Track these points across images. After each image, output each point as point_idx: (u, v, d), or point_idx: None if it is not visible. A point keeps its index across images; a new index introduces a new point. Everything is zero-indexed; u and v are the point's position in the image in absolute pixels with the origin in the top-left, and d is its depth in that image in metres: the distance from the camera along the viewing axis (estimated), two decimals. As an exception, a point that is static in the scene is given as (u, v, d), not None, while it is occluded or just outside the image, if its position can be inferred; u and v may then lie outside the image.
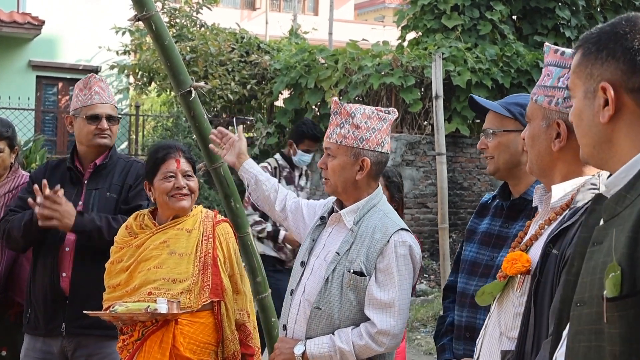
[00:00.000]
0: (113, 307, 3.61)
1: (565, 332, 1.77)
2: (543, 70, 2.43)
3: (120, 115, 4.43)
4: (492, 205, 3.31)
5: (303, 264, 3.36)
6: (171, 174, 3.74)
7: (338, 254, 3.24)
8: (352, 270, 3.20)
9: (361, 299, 3.20)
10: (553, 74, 2.36)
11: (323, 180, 3.39)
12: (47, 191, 4.01)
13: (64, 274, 4.15)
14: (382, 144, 3.32)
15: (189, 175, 3.78)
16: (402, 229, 3.28)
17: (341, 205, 3.38)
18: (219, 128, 3.87)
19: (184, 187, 3.74)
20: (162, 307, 3.50)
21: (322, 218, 3.43)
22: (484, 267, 3.17)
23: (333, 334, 3.18)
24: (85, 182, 4.30)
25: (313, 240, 3.40)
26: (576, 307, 1.67)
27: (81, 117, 4.28)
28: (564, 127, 2.29)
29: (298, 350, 3.20)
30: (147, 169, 3.86)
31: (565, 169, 2.32)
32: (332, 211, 3.41)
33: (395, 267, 3.20)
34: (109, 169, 4.31)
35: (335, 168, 3.30)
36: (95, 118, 4.26)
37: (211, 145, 3.88)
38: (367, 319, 3.20)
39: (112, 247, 3.88)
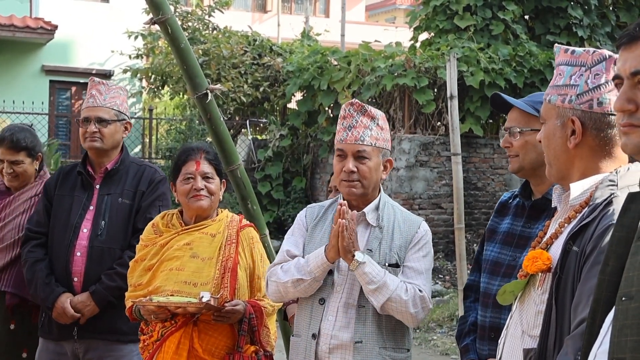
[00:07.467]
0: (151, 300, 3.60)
1: (602, 330, 1.76)
2: (555, 71, 2.41)
3: (117, 118, 4.34)
4: (512, 205, 3.30)
5: (332, 272, 3.34)
6: (190, 176, 3.75)
7: (370, 250, 3.29)
8: (387, 264, 3.28)
9: None
10: (565, 73, 2.34)
11: (355, 182, 3.33)
12: None
13: (75, 279, 4.17)
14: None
15: (209, 177, 3.77)
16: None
17: (351, 206, 3.34)
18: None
19: (202, 189, 3.74)
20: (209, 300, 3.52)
21: None
22: (506, 267, 3.16)
23: (386, 281, 3.21)
24: (97, 186, 4.29)
25: None
26: (622, 302, 1.66)
27: (79, 120, 4.34)
28: (579, 123, 2.27)
29: (359, 257, 3.19)
30: (171, 170, 3.88)
31: (583, 166, 2.30)
32: None
33: (423, 254, 3.36)
34: (120, 174, 4.31)
35: (372, 170, 3.32)
36: (85, 121, 4.28)
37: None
38: None
39: (137, 245, 3.90)
